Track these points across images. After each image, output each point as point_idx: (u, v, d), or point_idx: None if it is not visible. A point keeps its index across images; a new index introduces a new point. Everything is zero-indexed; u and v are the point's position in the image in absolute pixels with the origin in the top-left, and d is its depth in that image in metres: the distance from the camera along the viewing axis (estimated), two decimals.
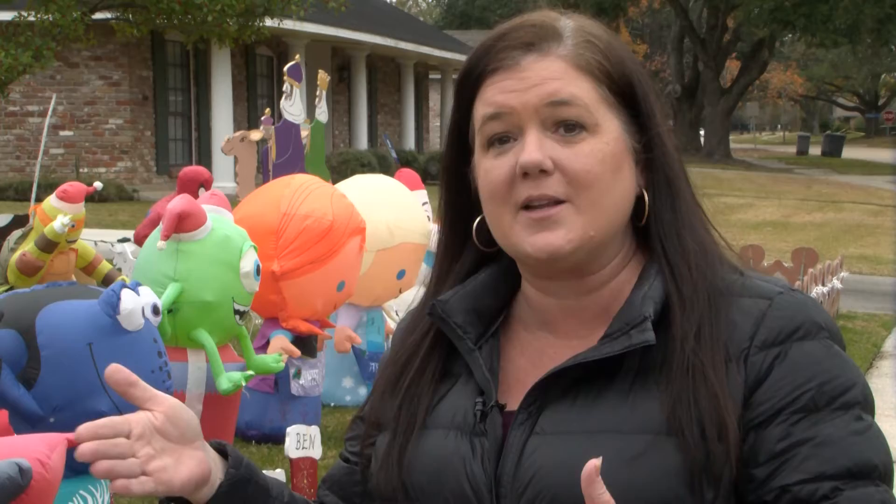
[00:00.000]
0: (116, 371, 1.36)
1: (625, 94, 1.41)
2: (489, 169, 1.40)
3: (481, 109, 1.40)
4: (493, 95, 1.39)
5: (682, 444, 1.30)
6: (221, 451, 1.43)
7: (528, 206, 1.37)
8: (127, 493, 1.31)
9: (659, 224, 1.42)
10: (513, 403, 1.41)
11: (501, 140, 1.39)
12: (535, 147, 1.36)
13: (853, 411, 1.33)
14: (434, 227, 8.19)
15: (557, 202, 1.37)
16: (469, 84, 1.42)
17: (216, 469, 1.39)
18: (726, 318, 1.37)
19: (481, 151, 1.41)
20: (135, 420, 1.34)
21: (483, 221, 1.45)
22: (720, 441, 1.30)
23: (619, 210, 1.40)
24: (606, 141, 1.38)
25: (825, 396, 1.32)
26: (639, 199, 1.43)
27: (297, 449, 4.91)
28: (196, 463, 1.36)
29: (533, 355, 1.45)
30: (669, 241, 1.41)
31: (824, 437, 1.31)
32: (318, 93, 9.33)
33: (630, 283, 1.42)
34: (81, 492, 4.10)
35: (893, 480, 1.36)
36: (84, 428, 1.31)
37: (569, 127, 1.37)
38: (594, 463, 1.16)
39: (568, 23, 1.42)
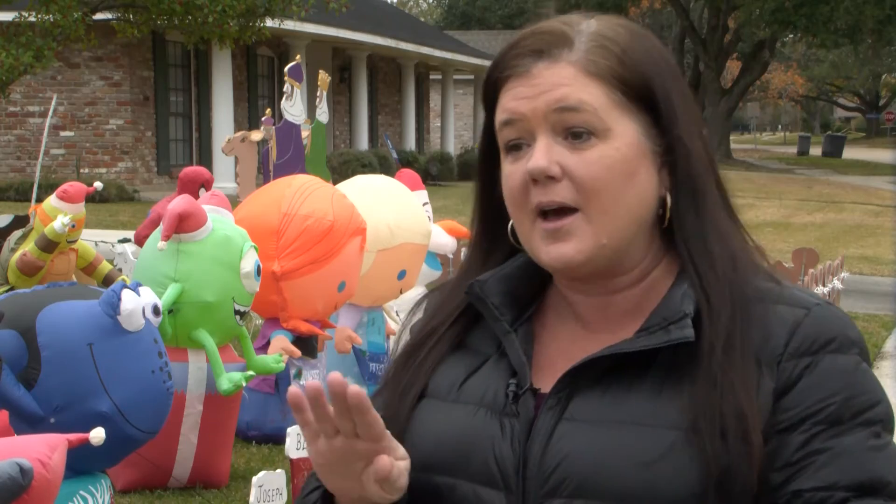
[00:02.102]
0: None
1: (642, 96, 1.40)
2: (507, 175, 1.42)
3: (498, 115, 1.43)
4: (507, 102, 1.41)
5: (702, 455, 1.32)
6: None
7: (544, 213, 1.39)
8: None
9: (682, 228, 1.41)
10: (543, 388, 1.43)
11: (517, 146, 1.41)
12: (541, 153, 1.37)
13: (874, 428, 1.35)
14: (435, 228, 8.20)
15: (569, 211, 1.38)
16: (490, 90, 1.45)
17: None
18: (760, 325, 1.37)
19: (503, 156, 1.44)
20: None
21: None
22: (743, 456, 1.32)
23: (634, 215, 1.40)
24: (617, 147, 1.38)
25: (849, 410, 1.34)
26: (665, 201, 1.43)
27: (297, 449, 4.91)
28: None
29: (563, 344, 1.46)
30: (694, 246, 1.41)
31: (842, 449, 1.33)
32: (318, 93, 9.34)
33: (664, 281, 1.43)
34: (82, 492, 4.10)
35: None
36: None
37: (577, 133, 1.37)
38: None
39: (586, 26, 1.43)
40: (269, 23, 16.35)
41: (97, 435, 3.53)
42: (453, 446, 1.43)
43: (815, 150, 52.23)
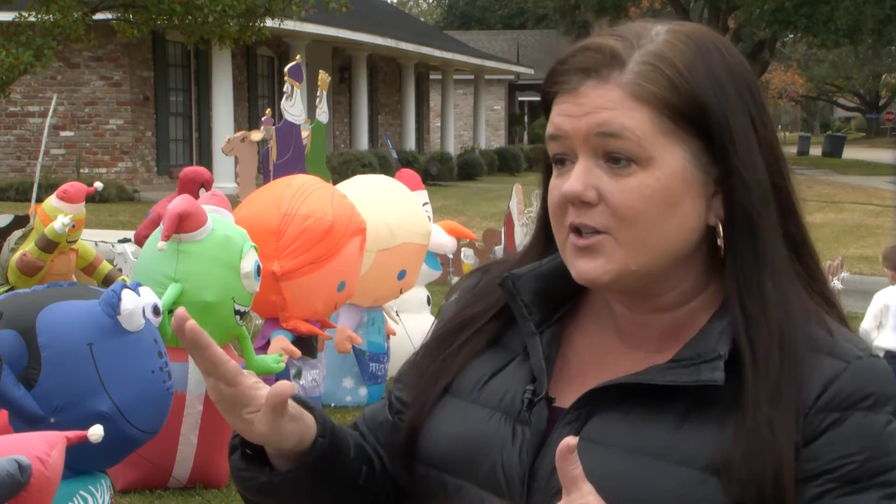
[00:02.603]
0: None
1: (695, 122, 1.34)
2: (551, 188, 1.39)
3: (547, 128, 1.40)
4: (554, 117, 1.37)
5: (729, 500, 1.29)
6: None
7: (577, 230, 1.36)
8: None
9: (735, 262, 1.36)
10: (563, 398, 1.40)
11: (561, 160, 1.38)
12: (578, 177, 1.34)
13: (891, 489, 1.31)
14: (435, 228, 8.20)
15: (599, 232, 1.35)
16: (544, 99, 1.41)
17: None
18: (801, 375, 1.33)
19: (553, 166, 1.41)
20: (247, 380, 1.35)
21: None
22: (770, 496, 1.29)
23: (671, 245, 1.35)
24: (658, 176, 1.32)
25: (869, 472, 1.30)
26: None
27: None
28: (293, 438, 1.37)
29: (598, 353, 1.43)
30: (746, 286, 1.35)
31: None
32: (318, 93, 9.34)
33: (707, 310, 1.39)
34: (81, 492, 4.11)
35: None
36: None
37: (616, 159, 1.33)
38: (568, 442, 1.17)
39: (646, 42, 1.36)
40: (269, 23, 16.34)
41: (96, 432, 3.53)
42: (465, 448, 1.41)
43: (815, 150, 52.23)
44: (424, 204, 8.15)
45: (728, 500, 1.29)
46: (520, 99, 47.31)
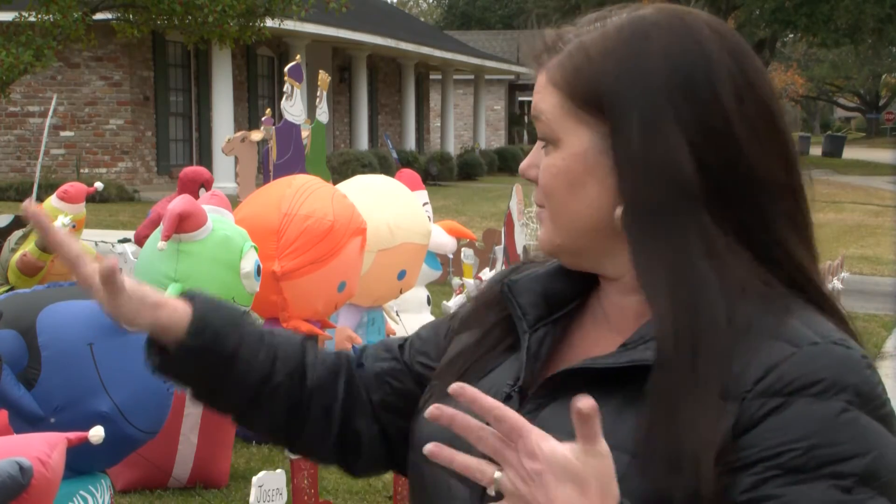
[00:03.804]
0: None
1: (596, 107, 1.36)
2: None
3: None
4: None
5: (648, 486, 1.25)
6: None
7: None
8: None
9: (632, 245, 1.36)
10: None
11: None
12: (529, 156, 1.45)
13: (843, 482, 1.22)
14: (435, 228, 8.20)
15: (542, 207, 1.44)
16: None
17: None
18: (741, 359, 1.28)
19: None
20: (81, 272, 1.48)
21: None
22: (690, 493, 1.24)
23: (583, 224, 1.38)
24: (563, 157, 1.38)
25: (814, 460, 1.23)
26: None
27: None
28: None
29: (589, 345, 1.45)
30: (640, 268, 1.35)
31: (794, 499, 1.22)
32: (318, 93, 9.33)
33: None
34: (82, 492, 4.11)
35: None
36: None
37: (543, 139, 1.42)
38: (589, 403, 1.10)
39: (585, 31, 1.40)
40: (269, 23, 16.34)
41: (96, 433, 3.53)
42: (444, 436, 1.41)
43: (815, 150, 52.22)
44: (424, 204, 8.15)
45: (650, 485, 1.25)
46: (520, 99, 47.31)
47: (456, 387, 1.16)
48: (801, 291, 1.36)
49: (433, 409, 1.18)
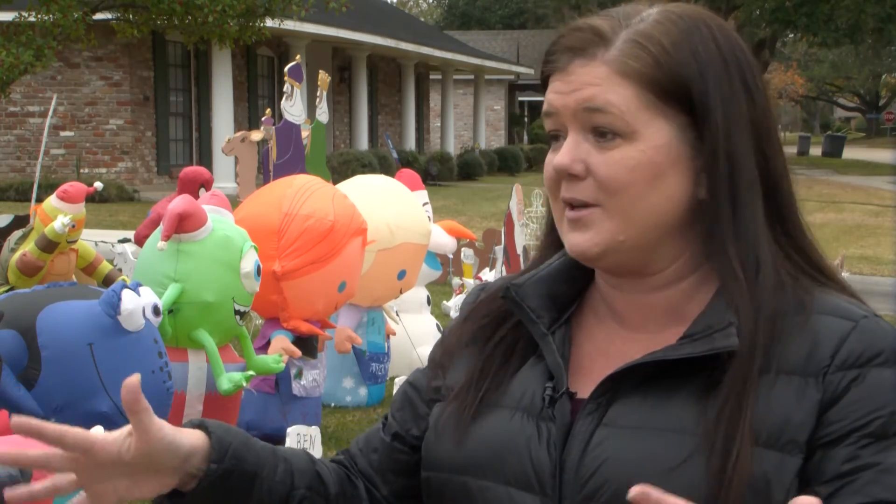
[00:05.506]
0: (131, 387, 1.36)
1: (680, 99, 1.38)
2: (546, 163, 1.44)
3: (543, 106, 1.45)
4: (548, 95, 1.43)
5: (709, 463, 1.30)
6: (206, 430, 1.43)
7: (570, 203, 1.41)
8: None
9: (713, 233, 1.39)
10: (580, 391, 1.42)
11: (556, 136, 1.43)
12: (567, 150, 1.39)
13: None
14: (435, 228, 8.20)
15: (589, 205, 1.39)
16: (542, 81, 1.47)
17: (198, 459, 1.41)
18: (803, 337, 1.35)
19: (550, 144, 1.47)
20: (101, 443, 1.37)
21: None
22: (747, 474, 1.29)
23: (658, 217, 1.39)
24: (643, 149, 1.36)
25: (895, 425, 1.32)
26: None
27: None
28: (156, 487, 1.39)
29: (600, 344, 1.46)
30: (718, 256, 1.39)
31: (889, 465, 1.30)
32: (318, 93, 9.33)
33: (706, 287, 1.42)
34: (81, 492, 4.10)
35: None
36: (24, 424, 1.34)
37: (602, 133, 1.37)
38: (641, 489, 1.14)
39: (635, 22, 1.40)
40: (269, 23, 16.34)
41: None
42: (488, 449, 1.42)
43: (815, 150, 52.23)
44: (424, 204, 8.15)
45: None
46: (520, 99, 47.32)
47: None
48: (819, 273, 1.44)
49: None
